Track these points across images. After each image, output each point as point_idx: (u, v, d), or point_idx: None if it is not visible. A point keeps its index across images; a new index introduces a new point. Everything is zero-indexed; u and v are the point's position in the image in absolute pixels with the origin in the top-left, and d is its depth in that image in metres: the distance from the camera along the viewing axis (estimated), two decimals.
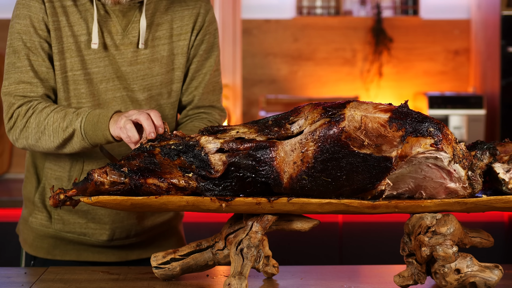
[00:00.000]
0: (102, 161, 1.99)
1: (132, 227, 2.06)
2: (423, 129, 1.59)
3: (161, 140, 1.69)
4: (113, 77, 1.97)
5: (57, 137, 1.87)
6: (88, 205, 1.97)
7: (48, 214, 2.05)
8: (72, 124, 1.85)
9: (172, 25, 2.03)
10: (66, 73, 1.95)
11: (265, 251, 1.76)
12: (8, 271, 1.92)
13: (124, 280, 1.78)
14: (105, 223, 2.03)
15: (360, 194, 1.63)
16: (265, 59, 5.00)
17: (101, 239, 2.04)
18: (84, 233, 2.04)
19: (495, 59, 4.49)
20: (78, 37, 1.95)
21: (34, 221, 2.07)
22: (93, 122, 1.83)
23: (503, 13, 4.37)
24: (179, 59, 2.04)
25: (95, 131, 1.83)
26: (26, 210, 2.10)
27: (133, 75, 1.99)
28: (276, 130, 1.65)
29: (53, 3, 1.94)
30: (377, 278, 1.82)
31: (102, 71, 1.96)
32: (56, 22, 1.94)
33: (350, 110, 1.60)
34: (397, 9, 5.05)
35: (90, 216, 2.03)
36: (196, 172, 1.65)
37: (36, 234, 2.07)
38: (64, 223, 2.04)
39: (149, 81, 2.00)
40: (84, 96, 1.96)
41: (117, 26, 1.97)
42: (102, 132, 1.82)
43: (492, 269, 1.64)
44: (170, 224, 2.15)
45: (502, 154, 1.68)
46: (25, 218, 2.10)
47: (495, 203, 1.64)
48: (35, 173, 2.06)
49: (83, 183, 1.64)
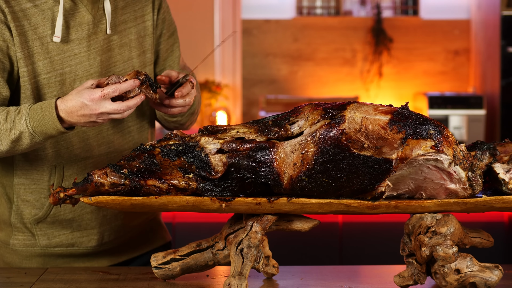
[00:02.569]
0: (82, 163, 1.94)
1: (120, 228, 2.03)
2: (423, 131, 1.59)
3: (161, 140, 1.70)
4: (86, 75, 1.91)
5: (5, 140, 1.79)
6: (72, 212, 1.96)
7: (30, 232, 1.96)
8: (16, 125, 1.78)
9: (134, 7, 2.01)
10: (36, 78, 1.87)
11: (265, 251, 1.76)
12: (8, 271, 1.92)
13: (124, 280, 1.78)
14: (93, 228, 1.98)
15: (360, 195, 1.63)
16: (265, 59, 5.00)
17: (90, 245, 1.99)
18: (72, 244, 1.98)
19: (495, 59, 4.49)
20: (44, 38, 1.87)
21: (16, 243, 1.97)
22: (39, 117, 1.76)
23: (503, 13, 4.38)
24: (147, 40, 2.02)
25: (44, 126, 1.76)
26: (3, 233, 2.00)
27: (106, 63, 1.94)
28: (276, 130, 1.65)
29: (12, 7, 1.85)
30: (377, 278, 1.82)
31: (74, 70, 1.90)
32: (19, 27, 1.85)
33: (351, 111, 1.60)
34: (397, 9, 5.05)
35: (76, 223, 1.97)
36: (196, 173, 1.65)
37: (22, 256, 1.98)
38: (49, 237, 1.96)
39: (121, 66, 1.97)
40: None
41: (87, 15, 1.91)
42: (52, 125, 1.76)
43: (492, 269, 1.64)
44: (153, 219, 2.14)
45: (502, 154, 1.68)
46: (4, 241, 2.00)
47: (495, 203, 1.64)
48: (5, 193, 1.97)
49: (83, 183, 1.64)
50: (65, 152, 1.93)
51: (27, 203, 1.94)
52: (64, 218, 1.96)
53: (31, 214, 1.95)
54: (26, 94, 1.88)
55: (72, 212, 1.96)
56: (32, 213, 1.95)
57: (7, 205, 1.97)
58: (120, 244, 2.05)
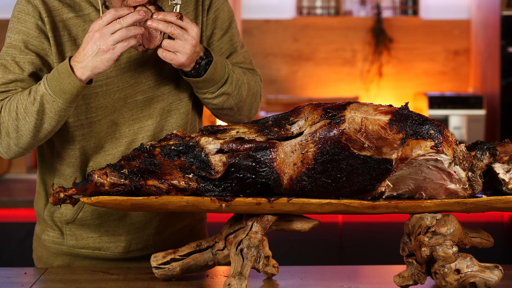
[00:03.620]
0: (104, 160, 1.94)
1: (150, 237, 2.00)
2: (423, 132, 1.59)
3: (161, 140, 1.70)
4: (126, 86, 1.89)
5: (31, 114, 1.77)
6: (100, 219, 1.96)
7: (60, 231, 1.99)
8: (38, 92, 1.76)
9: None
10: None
11: (265, 251, 1.76)
12: (8, 271, 1.92)
13: (124, 280, 1.78)
14: (120, 235, 1.98)
15: (360, 195, 1.63)
16: (265, 59, 5.00)
17: (117, 251, 1.98)
18: (98, 248, 1.98)
19: (495, 59, 4.49)
20: None
21: (47, 238, 2.01)
22: (55, 77, 1.74)
23: (503, 13, 4.37)
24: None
25: (61, 85, 1.74)
26: (39, 227, 2.04)
27: (144, 73, 1.91)
28: (276, 130, 1.65)
29: (53, 17, 1.84)
30: (377, 278, 1.82)
31: (112, 82, 1.88)
32: (57, 37, 1.85)
33: (351, 112, 1.60)
34: (397, 9, 5.05)
35: (103, 229, 1.97)
36: (196, 173, 1.65)
37: (50, 252, 2.02)
38: (77, 238, 1.98)
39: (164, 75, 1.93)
40: (94, 111, 1.88)
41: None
42: (68, 80, 1.73)
43: (492, 269, 1.64)
44: (193, 230, 2.09)
45: (502, 154, 1.68)
46: (38, 235, 2.05)
47: (495, 203, 1.64)
48: (44, 190, 2.01)
49: (83, 183, 1.64)
50: (91, 148, 1.92)
51: None
52: (92, 223, 1.97)
53: (61, 214, 1.97)
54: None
55: (99, 218, 1.96)
56: (64, 213, 1.97)
57: (44, 202, 2.00)
58: (150, 253, 1.98)
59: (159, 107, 1.94)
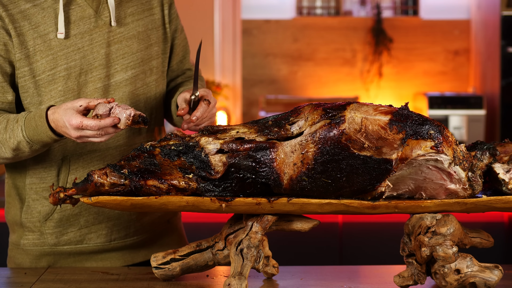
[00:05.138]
0: (88, 156, 1.95)
1: (130, 223, 2.02)
2: (423, 132, 1.59)
3: (161, 140, 1.70)
4: (90, 68, 1.93)
5: (7, 148, 1.84)
6: (79, 207, 1.96)
7: (39, 231, 1.98)
8: (15, 134, 1.82)
9: (141, 0, 2.03)
10: (39, 76, 1.89)
11: (265, 251, 1.76)
12: (8, 271, 1.92)
13: (124, 280, 1.78)
14: (100, 222, 1.99)
15: (360, 195, 1.63)
16: (265, 59, 5.00)
17: (99, 241, 1.99)
18: (80, 240, 1.99)
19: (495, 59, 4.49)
20: (46, 35, 1.89)
21: (26, 243, 1.99)
22: (33, 127, 1.80)
23: (503, 13, 4.38)
24: (154, 33, 2.04)
25: (39, 135, 1.80)
26: (15, 235, 2.03)
27: (113, 55, 1.96)
28: (276, 130, 1.65)
29: (9, 10, 1.88)
30: (377, 278, 1.82)
31: (79, 64, 1.92)
32: (18, 28, 1.88)
33: (351, 112, 1.60)
34: (397, 10, 5.05)
35: (83, 219, 1.98)
36: (196, 173, 1.65)
37: (32, 256, 2.00)
38: (57, 235, 1.98)
39: (130, 59, 1.98)
40: (62, 94, 1.90)
41: (89, 9, 1.93)
42: (45, 134, 1.79)
43: (492, 269, 1.64)
44: (170, 221, 2.13)
45: (502, 154, 1.68)
46: (16, 243, 2.02)
47: (495, 203, 1.64)
48: (17, 195, 2.00)
49: (83, 183, 1.64)
50: (71, 146, 1.95)
51: (36, 202, 1.97)
52: (71, 213, 1.97)
53: (40, 212, 1.97)
54: (28, 93, 1.90)
55: (78, 207, 1.97)
56: (41, 210, 1.97)
57: (19, 206, 2.00)
58: (132, 243, 2.04)
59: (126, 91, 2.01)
